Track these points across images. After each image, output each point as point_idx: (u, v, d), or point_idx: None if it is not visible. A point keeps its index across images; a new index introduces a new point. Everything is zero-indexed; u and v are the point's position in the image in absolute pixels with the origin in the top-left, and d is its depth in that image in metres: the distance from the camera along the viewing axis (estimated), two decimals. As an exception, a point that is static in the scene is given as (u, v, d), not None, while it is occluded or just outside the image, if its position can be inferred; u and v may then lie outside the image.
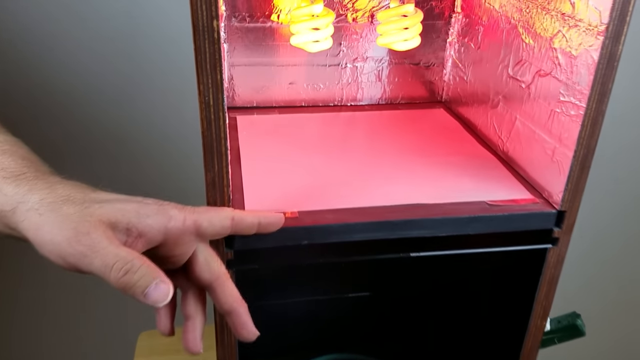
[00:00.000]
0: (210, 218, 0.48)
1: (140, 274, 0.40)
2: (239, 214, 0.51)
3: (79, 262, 0.41)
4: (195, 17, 0.44)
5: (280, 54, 0.83)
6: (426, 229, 0.59)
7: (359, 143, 0.76)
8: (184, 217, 0.46)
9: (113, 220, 0.43)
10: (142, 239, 0.44)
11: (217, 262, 0.50)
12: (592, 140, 0.57)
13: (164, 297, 0.41)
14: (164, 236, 0.45)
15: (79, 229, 0.41)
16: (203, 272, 0.49)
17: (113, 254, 0.40)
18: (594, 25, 0.53)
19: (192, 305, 0.51)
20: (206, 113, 0.48)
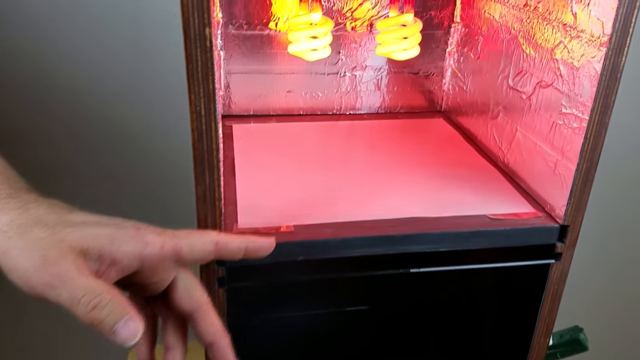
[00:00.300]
0: (192, 243, 0.45)
1: (108, 309, 0.38)
2: (224, 238, 0.48)
3: (46, 293, 0.38)
4: (187, 24, 0.43)
5: (278, 62, 0.82)
6: (426, 244, 0.58)
7: (358, 154, 0.75)
8: (162, 243, 0.43)
9: (85, 247, 0.40)
10: (116, 267, 0.41)
11: (198, 290, 0.47)
12: (595, 153, 0.56)
13: (133, 336, 0.38)
14: (140, 263, 0.43)
15: (48, 256, 0.38)
16: (183, 300, 0.46)
17: (81, 286, 0.38)
18: (596, 37, 0.52)
19: (172, 335, 0.48)
20: (197, 123, 0.46)
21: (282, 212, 0.59)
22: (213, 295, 0.54)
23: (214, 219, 0.51)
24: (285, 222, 0.57)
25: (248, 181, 0.64)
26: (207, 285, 0.54)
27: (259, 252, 0.49)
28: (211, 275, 0.53)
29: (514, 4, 0.66)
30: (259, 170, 0.67)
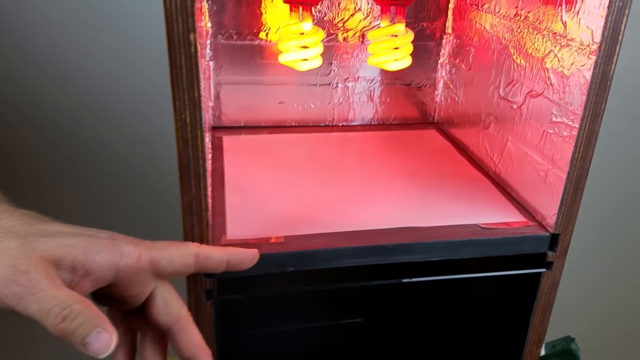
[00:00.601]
0: (170, 255, 0.44)
1: (79, 321, 0.36)
2: (204, 251, 0.46)
3: (15, 304, 0.37)
4: (171, 29, 0.42)
5: (270, 73, 0.82)
6: (419, 254, 0.57)
7: (350, 164, 0.74)
8: (138, 254, 0.42)
9: (57, 258, 0.38)
10: (90, 278, 0.40)
11: (177, 304, 0.46)
12: (586, 161, 0.55)
13: (105, 348, 0.37)
14: (115, 275, 0.41)
15: (18, 266, 0.37)
16: (161, 314, 0.45)
17: (51, 297, 0.36)
18: (586, 45, 0.52)
19: (151, 350, 0.46)
20: (182, 132, 0.46)
21: (272, 223, 0.58)
22: (201, 308, 0.54)
23: (200, 230, 0.50)
24: (276, 233, 0.56)
25: (238, 192, 0.64)
26: (195, 298, 0.53)
27: (241, 264, 0.48)
28: (199, 288, 0.52)
29: (505, 14, 0.66)
30: (249, 182, 0.67)
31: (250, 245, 0.53)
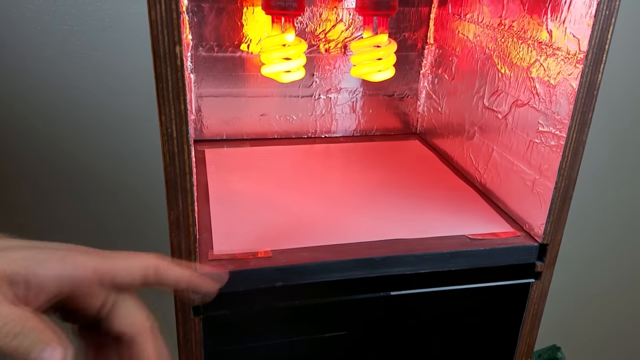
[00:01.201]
0: (129, 266, 0.42)
1: (31, 337, 0.34)
2: (165, 265, 0.43)
3: None
4: (156, 42, 0.41)
5: (251, 85, 0.81)
6: (407, 266, 0.56)
7: (335, 176, 0.73)
8: (94, 265, 0.40)
9: (9, 273, 0.37)
10: (45, 292, 0.38)
11: (140, 316, 0.43)
12: (574, 171, 0.55)
13: None
14: (71, 287, 0.39)
15: None
16: (124, 326, 0.42)
17: (3, 315, 0.35)
18: (572, 54, 0.52)
19: None
20: (169, 146, 0.44)
21: (259, 237, 0.57)
22: (189, 324, 0.52)
23: (188, 246, 0.49)
24: (262, 247, 0.55)
25: (222, 207, 0.62)
26: (183, 315, 0.52)
27: (206, 285, 0.45)
28: (186, 304, 0.51)
29: (488, 23, 0.66)
30: (234, 196, 0.65)
31: (238, 260, 0.52)
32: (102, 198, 0.94)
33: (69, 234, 0.43)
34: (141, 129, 0.88)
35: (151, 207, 0.92)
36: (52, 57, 0.84)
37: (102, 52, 0.85)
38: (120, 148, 0.91)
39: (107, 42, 0.85)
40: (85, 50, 0.85)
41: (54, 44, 0.83)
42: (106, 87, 0.87)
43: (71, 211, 0.94)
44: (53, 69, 0.85)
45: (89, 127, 0.89)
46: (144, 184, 0.91)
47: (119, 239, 0.95)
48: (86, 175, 0.92)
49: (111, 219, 0.95)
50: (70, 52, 0.85)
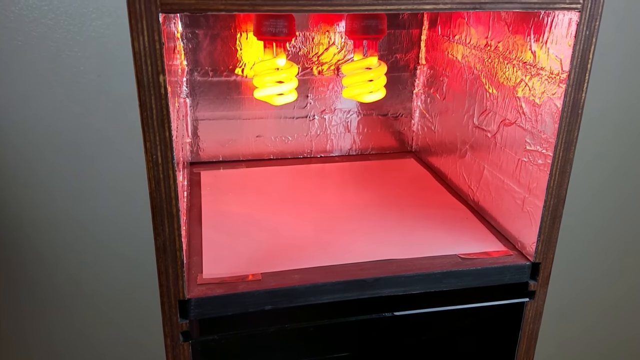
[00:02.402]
0: None
1: None
2: None
3: None
4: (140, 72, 0.42)
5: (246, 107, 0.82)
6: (398, 287, 0.56)
7: (329, 197, 0.74)
8: None
9: None
10: None
11: None
12: (562, 189, 0.56)
13: None
14: None
15: None
16: None
17: None
18: (555, 74, 0.53)
19: None
20: (154, 172, 0.45)
21: (250, 260, 0.57)
22: (178, 349, 0.52)
23: (175, 270, 0.49)
24: (253, 270, 0.55)
25: (215, 229, 0.63)
26: (172, 341, 0.52)
27: None
28: (174, 329, 0.51)
29: (475, 44, 0.67)
30: (227, 218, 0.66)
31: (227, 284, 0.53)
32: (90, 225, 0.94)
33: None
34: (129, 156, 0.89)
35: (139, 233, 0.92)
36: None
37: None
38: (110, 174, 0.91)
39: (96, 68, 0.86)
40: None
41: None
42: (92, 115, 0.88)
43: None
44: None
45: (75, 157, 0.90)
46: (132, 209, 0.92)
47: (109, 266, 0.95)
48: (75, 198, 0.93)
49: (98, 245, 0.95)
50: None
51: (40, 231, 0.92)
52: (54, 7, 0.81)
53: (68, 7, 0.81)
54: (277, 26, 0.66)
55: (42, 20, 0.82)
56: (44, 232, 0.92)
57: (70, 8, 0.82)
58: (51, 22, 0.82)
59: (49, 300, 0.97)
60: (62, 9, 0.81)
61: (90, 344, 1.01)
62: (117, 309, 0.99)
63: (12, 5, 0.80)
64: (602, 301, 1.28)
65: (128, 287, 0.97)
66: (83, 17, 0.82)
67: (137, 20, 0.41)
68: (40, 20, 0.81)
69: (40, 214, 0.91)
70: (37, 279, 0.95)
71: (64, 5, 0.81)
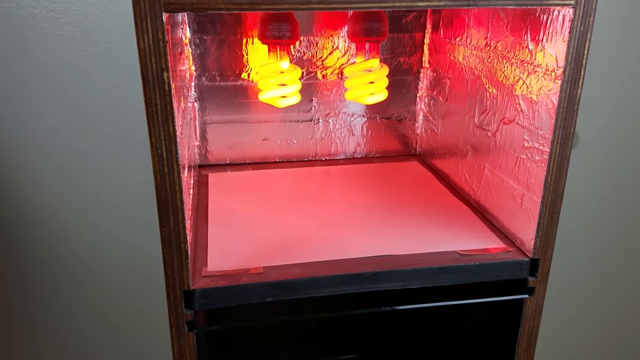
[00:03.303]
0: None
1: None
2: None
3: None
4: (145, 69, 0.44)
5: (253, 111, 0.84)
6: (396, 281, 0.57)
7: (332, 197, 0.75)
8: None
9: None
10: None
11: None
12: (559, 185, 0.56)
13: None
14: None
15: None
16: None
17: None
18: (551, 70, 0.54)
19: None
20: (159, 166, 0.47)
21: (253, 255, 0.59)
22: (183, 339, 0.54)
23: (180, 262, 0.51)
24: (255, 264, 0.57)
25: (220, 226, 0.64)
26: (177, 331, 0.53)
27: None
28: (180, 319, 0.53)
29: (476, 45, 0.68)
30: (232, 216, 0.67)
31: (230, 276, 0.54)
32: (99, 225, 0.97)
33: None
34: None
35: (145, 226, 0.94)
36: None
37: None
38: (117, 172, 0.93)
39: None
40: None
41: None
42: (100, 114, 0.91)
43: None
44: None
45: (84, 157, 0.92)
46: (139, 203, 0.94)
47: (116, 259, 0.97)
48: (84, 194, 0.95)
49: (107, 240, 0.97)
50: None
51: (52, 229, 0.94)
52: (71, 20, 0.84)
53: (85, 19, 0.84)
54: (281, 30, 0.68)
55: (60, 32, 0.84)
56: (55, 230, 0.95)
57: (87, 20, 0.84)
58: (68, 33, 0.85)
59: (56, 292, 0.99)
60: (79, 21, 0.84)
61: (97, 331, 1.03)
62: (125, 299, 1.01)
63: (31, 18, 0.83)
64: (601, 298, 1.28)
65: (135, 279, 0.99)
66: (99, 29, 0.85)
67: (142, 19, 0.43)
68: (57, 32, 0.84)
69: (52, 213, 0.94)
70: (45, 269, 0.97)
71: (80, 17, 0.84)
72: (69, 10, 0.84)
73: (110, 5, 0.84)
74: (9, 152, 0.89)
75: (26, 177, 0.91)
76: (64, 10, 0.83)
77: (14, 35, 0.83)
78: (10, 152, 0.89)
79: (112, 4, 0.84)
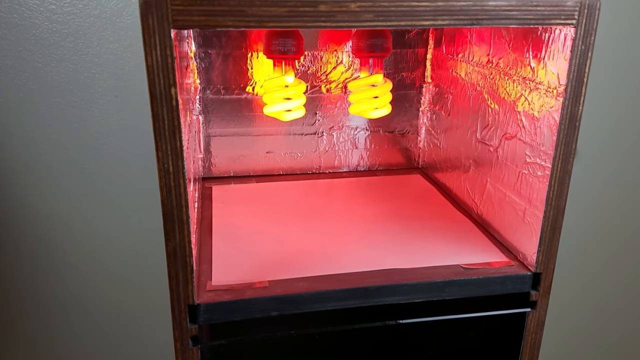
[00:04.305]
0: None
1: None
2: None
3: None
4: (152, 84, 0.44)
5: (257, 124, 0.84)
6: (401, 295, 0.58)
7: (336, 210, 0.75)
8: None
9: None
10: None
11: None
12: (561, 200, 0.57)
13: None
14: None
15: None
16: None
17: None
18: (553, 87, 0.54)
19: None
20: (165, 180, 0.47)
21: (258, 269, 0.59)
22: (187, 353, 0.54)
23: (185, 276, 0.51)
24: (260, 278, 0.57)
25: (224, 240, 0.65)
26: (181, 345, 0.54)
27: None
28: (184, 334, 0.53)
29: (478, 61, 0.69)
30: (236, 229, 0.68)
31: (235, 290, 0.54)
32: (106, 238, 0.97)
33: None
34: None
35: (150, 240, 0.95)
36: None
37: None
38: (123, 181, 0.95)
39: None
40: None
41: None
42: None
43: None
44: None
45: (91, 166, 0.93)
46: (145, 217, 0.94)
47: (120, 273, 0.98)
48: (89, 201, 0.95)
49: (112, 254, 0.98)
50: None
51: (54, 234, 0.95)
52: (73, 31, 0.85)
53: (87, 30, 0.85)
54: (286, 45, 0.69)
55: (62, 43, 0.85)
56: (58, 235, 0.95)
57: (89, 31, 0.85)
58: (70, 44, 0.86)
59: (58, 301, 0.99)
60: (81, 32, 0.85)
61: (98, 346, 1.03)
62: (129, 313, 1.01)
63: (33, 29, 0.84)
64: (603, 310, 1.28)
65: (139, 293, 0.99)
66: (101, 40, 0.86)
67: (150, 36, 0.44)
68: (60, 43, 0.85)
69: (55, 221, 0.94)
70: (46, 278, 0.98)
71: (83, 29, 0.85)
72: (71, 22, 0.85)
73: (114, 17, 0.85)
74: (10, 162, 0.90)
75: (26, 188, 0.91)
76: (67, 21, 0.84)
77: (16, 46, 0.84)
78: (10, 162, 0.90)
79: (115, 16, 0.85)
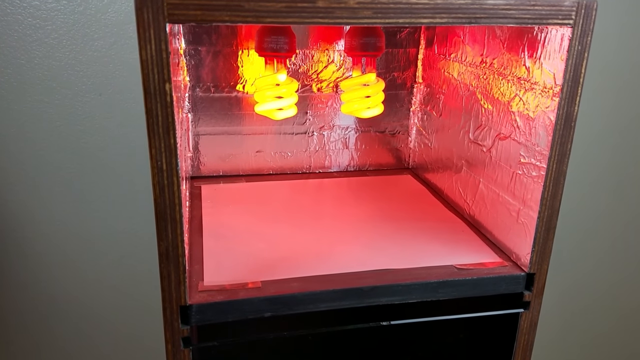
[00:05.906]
0: None
1: None
2: None
3: None
4: (147, 80, 0.43)
5: (247, 123, 0.83)
6: (395, 296, 0.57)
7: (327, 210, 0.75)
8: None
9: None
10: None
11: None
12: (556, 200, 0.57)
13: None
14: None
15: None
16: None
17: None
18: (549, 87, 0.54)
19: None
20: (159, 178, 0.46)
21: (250, 269, 0.58)
22: (179, 355, 0.53)
23: (177, 276, 0.50)
24: (253, 278, 0.56)
25: (215, 240, 0.64)
26: (173, 347, 0.53)
27: None
28: (175, 335, 0.52)
29: (471, 61, 0.69)
30: (227, 229, 0.67)
31: (227, 291, 0.53)
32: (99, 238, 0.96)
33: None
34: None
35: (142, 240, 0.93)
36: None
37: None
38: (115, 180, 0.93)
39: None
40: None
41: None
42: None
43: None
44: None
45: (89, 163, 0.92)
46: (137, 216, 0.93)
47: (112, 273, 0.96)
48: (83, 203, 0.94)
49: (104, 254, 0.97)
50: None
51: (45, 238, 0.93)
52: (57, 27, 0.83)
53: (71, 27, 0.83)
54: (279, 42, 0.68)
55: (46, 40, 0.84)
56: (50, 240, 0.93)
57: (74, 28, 0.84)
58: (54, 41, 0.84)
59: (50, 304, 0.97)
60: (65, 29, 0.83)
61: (88, 348, 1.02)
62: (120, 314, 0.99)
63: (16, 25, 0.82)
64: (596, 311, 1.29)
65: (130, 293, 0.98)
66: (85, 37, 0.84)
67: (145, 30, 0.42)
68: (43, 40, 0.83)
69: (44, 226, 0.92)
70: (38, 278, 0.96)
71: (67, 25, 0.83)
72: (55, 18, 0.83)
73: (99, 14, 0.83)
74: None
75: (13, 188, 0.89)
76: (51, 17, 0.83)
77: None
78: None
79: (100, 13, 0.83)
